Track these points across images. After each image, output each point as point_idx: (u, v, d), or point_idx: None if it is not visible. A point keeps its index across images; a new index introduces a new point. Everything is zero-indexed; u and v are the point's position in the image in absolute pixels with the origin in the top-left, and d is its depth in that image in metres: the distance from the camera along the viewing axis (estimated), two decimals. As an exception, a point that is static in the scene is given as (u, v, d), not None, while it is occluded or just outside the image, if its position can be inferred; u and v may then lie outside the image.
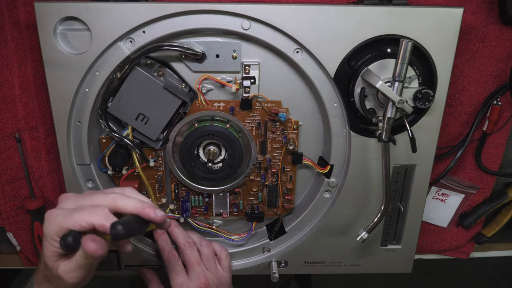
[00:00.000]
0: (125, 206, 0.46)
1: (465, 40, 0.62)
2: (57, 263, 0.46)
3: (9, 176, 0.68)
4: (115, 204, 0.46)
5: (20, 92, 0.63)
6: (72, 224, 0.44)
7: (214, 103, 0.59)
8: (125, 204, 0.47)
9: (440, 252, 0.82)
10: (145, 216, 0.46)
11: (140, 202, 0.47)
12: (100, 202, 0.47)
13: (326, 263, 0.70)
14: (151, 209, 0.47)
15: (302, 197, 0.68)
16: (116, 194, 0.48)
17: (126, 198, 0.47)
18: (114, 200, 0.47)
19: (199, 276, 0.61)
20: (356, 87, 0.56)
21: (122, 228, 0.43)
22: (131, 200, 0.47)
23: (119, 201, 0.47)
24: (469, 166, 0.72)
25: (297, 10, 0.54)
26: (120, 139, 0.59)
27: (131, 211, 0.46)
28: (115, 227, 0.43)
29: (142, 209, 0.46)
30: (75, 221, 0.44)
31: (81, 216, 0.44)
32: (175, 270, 0.62)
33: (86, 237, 0.43)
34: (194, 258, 0.62)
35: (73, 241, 0.44)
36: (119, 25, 0.54)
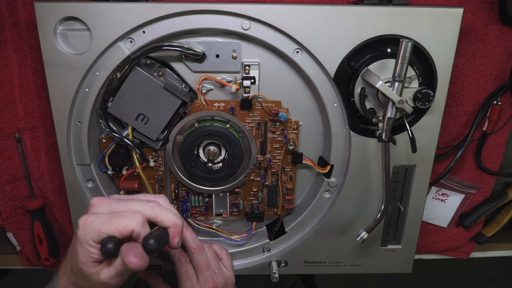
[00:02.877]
0: (163, 218, 0.46)
1: (465, 40, 0.62)
2: (96, 269, 0.45)
3: (9, 176, 0.68)
4: (154, 213, 0.46)
5: (20, 92, 0.63)
6: (112, 230, 0.43)
7: (214, 103, 0.59)
8: (162, 216, 0.46)
9: (440, 252, 0.82)
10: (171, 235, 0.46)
11: (177, 218, 0.47)
12: (139, 208, 0.46)
13: (326, 263, 0.70)
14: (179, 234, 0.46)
15: (302, 197, 0.68)
16: (155, 204, 0.47)
17: (164, 210, 0.47)
18: (153, 209, 0.46)
19: (208, 280, 0.61)
20: (356, 87, 0.56)
21: (154, 243, 0.43)
22: (168, 214, 0.47)
23: (157, 211, 0.46)
24: (469, 166, 0.72)
25: (297, 10, 0.54)
26: (120, 139, 0.59)
27: (166, 224, 0.46)
28: (148, 241, 0.43)
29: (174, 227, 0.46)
30: (115, 228, 0.43)
31: (121, 221, 0.44)
32: (187, 273, 0.62)
33: (127, 250, 0.42)
34: (204, 261, 0.62)
35: (114, 248, 0.43)
36: (119, 25, 0.54)
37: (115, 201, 0.48)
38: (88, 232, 0.44)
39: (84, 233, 0.44)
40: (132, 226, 0.43)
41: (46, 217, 0.72)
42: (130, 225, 0.43)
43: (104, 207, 0.47)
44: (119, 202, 0.47)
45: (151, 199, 0.48)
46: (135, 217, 0.44)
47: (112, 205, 0.47)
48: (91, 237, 0.44)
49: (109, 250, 0.43)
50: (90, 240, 0.44)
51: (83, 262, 0.45)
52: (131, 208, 0.46)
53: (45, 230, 0.71)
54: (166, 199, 0.50)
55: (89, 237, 0.44)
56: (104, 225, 0.44)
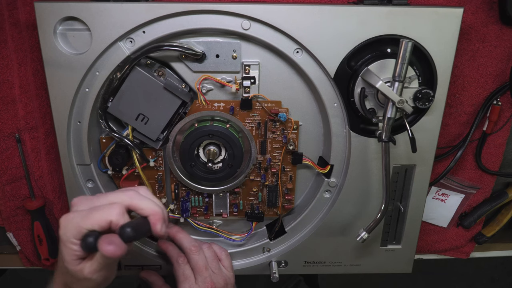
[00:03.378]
0: (141, 206, 0.46)
1: (465, 40, 0.62)
2: (81, 266, 0.45)
3: (9, 176, 0.68)
4: (132, 202, 0.46)
5: (20, 92, 0.63)
6: (91, 224, 0.43)
7: (214, 103, 0.59)
8: (141, 204, 0.46)
9: (440, 252, 0.82)
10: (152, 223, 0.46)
11: (156, 206, 0.46)
12: (117, 199, 0.46)
13: (326, 263, 0.70)
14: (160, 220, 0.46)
15: (302, 197, 0.68)
16: (133, 192, 0.47)
17: (142, 198, 0.47)
18: (131, 198, 0.46)
19: (206, 280, 0.61)
20: (356, 87, 0.56)
21: (131, 231, 0.43)
22: (147, 202, 0.46)
23: (135, 200, 0.46)
24: (469, 166, 0.72)
25: (297, 10, 0.54)
26: (120, 139, 0.59)
27: (145, 213, 0.46)
28: (125, 229, 0.43)
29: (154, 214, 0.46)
30: (94, 221, 0.43)
31: (99, 214, 0.44)
32: (184, 274, 0.62)
33: (102, 239, 0.42)
34: (201, 262, 0.62)
35: (94, 242, 0.43)
36: (119, 25, 0.54)
37: (95, 197, 0.48)
38: (68, 230, 0.44)
39: (65, 232, 0.44)
40: (111, 217, 0.43)
41: (46, 217, 0.72)
42: (108, 217, 0.43)
43: (83, 204, 0.47)
44: (98, 197, 0.47)
45: (131, 188, 0.48)
46: (113, 208, 0.44)
47: (92, 201, 0.47)
48: (72, 235, 0.44)
49: (89, 244, 0.43)
50: (72, 237, 0.44)
51: (68, 261, 0.45)
52: (109, 199, 0.46)
53: (45, 230, 0.71)
54: (146, 189, 0.49)
55: (71, 235, 0.44)
56: (83, 220, 0.44)
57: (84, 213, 0.44)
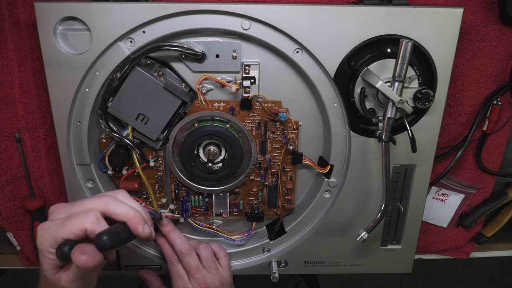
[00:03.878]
0: (117, 212, 0.45)
1: (465, 40, 0.62)
2: (58, 276, 0.45)
3: (9, 176, 0.68)
4: (107, 208, 0.45)
5: (20, 92, 0.63)
6: (65, 233, 0.43)
7: (214, 103, 0.59)
8: (116, 210, 0.45)
9: (440, 252, 0.82)
10: (132, 228, 0.45)
11: (132, 210, 0.46)
12: (92, 206, 0.45)
13: (326, 263, 0.70)
14: (140, 223, 0.45)
15: (302, 197, 0.68)
16: (109, 197, 0.46)
17: (118, 203, 0.46)
18: (106, 204, 0.46)
19: (199, 281, 0.61)
20: (356, 87, 0.56)
21: (107, 239, 0.42)
22: (123, 206, 0.46)
23: (110, 205, 0.45)
24: (469, 166, 0.72)
25: (297, 10, 0.54)
26: (120, 139, 0.59)
27: (121, 218, 0.45)
28: (101, 237, 0.42)
29: (131, 219, 0.45)
30: (68, 230, 0.43)
31: (73, 223, 0.43)
32: (177, 273, 0.62)
33: (76, 249, 0.42)
34: (193, 264, 0.62)
35: (69, 250, 0.42)
36: (119, 25, 0.54)
37: (72, 204, 0.47)
38: (44, 239, 0.44)
39: (42, 241, 0.44)
40: (85, 225, 0.43)
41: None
42: (82, 225, 0.43)
43: (60, 212, 0.46)
44: (74, 204, 0.47)
45: (107, 194, 0.48)
46: (87, 215, 0.43)
47: (68, 208, 0.46)
48: (49, 244, 0.43)
49: (64, 253, 0.42)
50: (48, 246, 0.43)
51: (46, 270, 0.45)
52: (85, 206, 0.46)
53: (45, 230, 0.71)
54: (124, 193, 0.49)
55: (47, 244, 0.43)
56: (58, 229, 0.43)
57: (59, 222, 0.44)
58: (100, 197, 0.47)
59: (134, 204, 0.48)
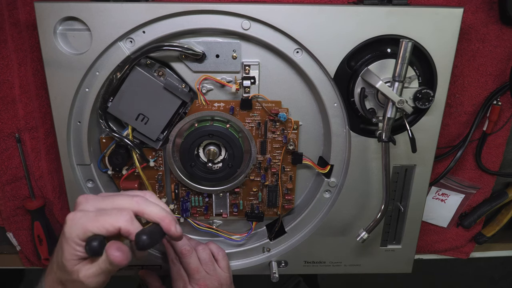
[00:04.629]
0: (150, 213, 0.45)
1: (465, 40, 0.62)
2: (78, 267, 0.45)
3: (9, 176, 0.68)
4: (140, 208, 0.45)
5: (20, 92, 0.63)
6: (98, 228, 0.43)
7: (214, 103, 0.59)
8: (149, 210, 0.46)
9: (440, 252, 0.82)
10: (165, 228, 0.45)
11: (164, 211, 0.46)
12: (125, 204, 0.45)
13: (326, 263, 0.70)
14: (172, 223, 0.46)
15: (302, 197, 0.68)
16: (140, 198, 0.46)
17: (150, 204, 0.46)
18: (138, 204, 0.46)
19: (199, 282, 0.61)
20: (356, 87, 0.56)
21: (147, 239, 0.42)
22: (155, 207, 0.46)
23: (143, 206, 0.46)
24: (469, 166, 0.72)
25: (297, 10, 0.54)
26: (120, 139, 0.59)
27: (155, 219, 0.45)
28: (140, 237, 0.42)
29: (164, 219, 0.45)
30: (101, 225, 0.43)
31: (107, 219, 0.43)
32: (178, 273, 0.62)
33: (112, 245, 0.42)
34: (193, 265, 0.62)
35: (99, 246, 0.42)
36: (119, 25, 0.54)
37: (101, 198, 0.47)
38: (74, 229, 0.44)
39: (71, 230, 0.44)
40: (120, 224, 0.43)
41: (46, 217, 0.72)
42: (117, 223, 0.43)
43: (90, 204, 0.46)
44: (105, 199, 0.47)
45: (138, 194, 0.48)
46: (122, 214, 0.44)
47: (99, 202, 0.46)
48: (77, 235, 0.43)
49: (94, 248, 0.42)
50: (76, 237, 0.43)
51: (67, 259, 0.44)
52: (117, 204, 0.46)
53: (45, 230, 0.71)
54: (153, 194, 0.49)
55: (75, 235, 0.43)
56: (90, 222, 0.43)
57: (91, 215, 0.44)
58: (132, 197, 0.46)
59: (163, 205, 0.48)
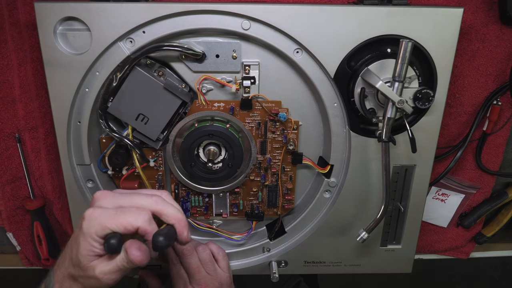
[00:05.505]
0: (167, 213, 0.45)
1: (465, 40, 0.62)
2: (94, 263, 0.44)
3: (9, 176, 0.68)
4: (158, 207, 0.45)
5: (20, 92, 0.63)
6: (117, 226, 0.43)
7: (214, 103, 0.59)
8: (167, 211, 0.45)
9: (440, 252, 0.82)
10: (179, 231, 0.45)
11: (180, 213, 0.46)
12: (144, 204, 0.45)
13: (326, 263, 0.70)
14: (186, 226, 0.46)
15: (302, 197, 0.68)
16: (159, 198, 0.46)
17: (168, 204, 0.46)
18: (157, 204, 0.46)
19: (199, 282, 0.61)
20: (356, 87, 0.56)
21: (164, 240, 0.42)
22: (172, 208, 0.46)
23: (162, 206, 0.46)
24: (469, 166, 0.72)
25: (297, 10, 0.54)
26: (120, 139, 0.59)
27: (171, 220, 0.45)
28: (157, 238, 0.42)
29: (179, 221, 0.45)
30: (120, 223, 0.43)
31: (126, 218, 0.43)
32: (179, 273, 0.62)
33: (132, 244, 0.42)
34: (194, 265, 0.62)
35: (118, 244, 0.42)
36: (119, 25, 0.54)
37: (119, 195, 0.47)
38: (93, 225, 0.43)
39: (89, 226, 0.44)
40: (139, 223, 0.43)
41: (46, 217, 0.72)
42: (136, 222, 0.43)
43: (108, 201, 0.46)
44: (123, 196, 0.47)
45: (155, 193, 0.48)
46: (141, 214, 0.44)
47: (117, 199, 0.46)
48: (95, 231, 0.43)
49: (112, 246, 0.42)
50: (94, 233, 0.43)
51: (83, 255, 0.44)
52: (136, 202, 0.46)
53: (45, 230, 0.71)
54: (169, 194, 0.49)
55: (93, 231, 0.43)
56: (110, 220, 0.43)
57: (111, 212, 0.44)
58: (151, 196, 0.46)
59: (179, 206, 0.48)
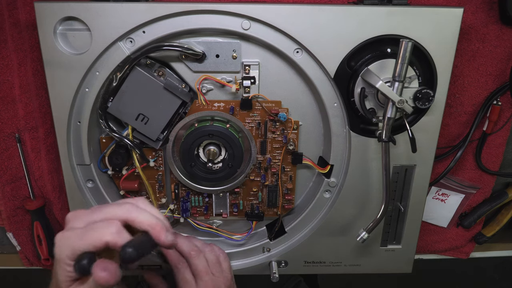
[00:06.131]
0: (140, 220, 0.43)
1: (465, 40, 0.62)
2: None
3: (9, 176, 0.68)
4: (129, 216, 0.43)
5: (20, 92, 0.63)
6: (85, 245, 0.41)
7: (214, 103, 0.59)
8: (139, 218, 0.43)
9: (440, 252, 0.82)
10: (155, 236, 0.43)
11: (155, 219, 0.44)
12: (113, 214, 0.43)
13: (326, 263, 0.70)
14: (162, 230, 0.43)
15: (302, 197, 0.68)
16: (130, 205, 0.44)
17: (140, 211, 0.44)
18: (128, 212, 0.43)
19: (207, 284, 0.60)
20: (356, 87, 0.56)
21: (133, 251, 0.40)
22: (145, 214, 0.44)
23: (133, 213, 0.43)
24: (469, 166, 0.72)
25: (297, 10, 0.54)
26: (120, 139, 0.59)
27: (144, 227, 0.43)
28: (125, 250, 0.40)
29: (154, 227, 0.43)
30: (88, 242, 0.41)
31: (93, 235, 0.41)
32: (184, 278, 0.60)
33: (98, 265, 0.40)
34: (201, 267, 0.61)
35: (88, 265, 0.40)
36: (119, 25, 0.54)
37: (90, 211, 0.45)
38: (63, 250, 0.42)
39: (60, 252, 0.42)
40: (107, 237, 0.41)
41: (46, 217, 0.72)
42: (103, 237, 0.41)
43: (79, 220, 0.44)
44: (94, 211, 0.45)
45: (128, 201, 0.46)
46: (109, 226, 0.41)
47: (88, 216, 0.44)
48: (66, 255, 0.42)
49: (82, 267, 0.40)
50: (66, 258, 0.42)
51: (61, 281, 0.43)
52: (106, 214, 0.44)
53: (45, 230, 0.71)
54: (145, 200, 0.47)
55: (64, 255, 0.42)
56: (78, 241, 0.41)
57: (79, 233, 0.42)
58: (121, 205, 0.45)
59: (155, 211, 0.46)
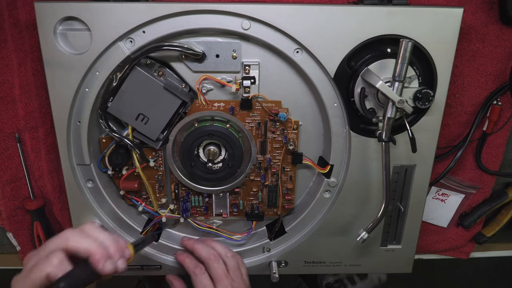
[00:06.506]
0: (77, 247, 0.42)
1: (465, 40, 0.62)
2: None
3: (9, 176, 0.68)
4: (68, 244, 0.43)
5: (20, 92, 0.63)
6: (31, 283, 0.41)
7: (214, 103, 0.59)
8: (77, 245, 0.42)
9: (440, 252, 0.82)
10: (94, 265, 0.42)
11: (94, 245, 0.42)
12: (54, 246, 0.43)
13: (326, 263, 0.70)
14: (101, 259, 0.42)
15: (302, 197, 0.68)
16: (71, 232, 0.44)
17: (79, 238, 0.43)
18: (66, 240, 0.43)
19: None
20: (356, 87, 0.56)
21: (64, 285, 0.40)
22: (85, 241, 0.43)
23: (71, 241, 0.43)
24: (469, 166, 0.72)
25: (297, 10, 0.54)
26: (120, 139, 0.59)
27: (83, 255, 0.42)
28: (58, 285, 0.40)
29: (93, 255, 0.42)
30: (33, 281, 0.41)
31: (35, 272, 0.41)
32: (202, 283, 0.60)
33: None
34: (221, 271, 0.61)
35: None
36: (119, 25, 0.54)
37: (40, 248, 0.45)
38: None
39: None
40: (47, 270, 0.41)
41: (46, 217, 0.72)
42: (43, 272, 0.41)
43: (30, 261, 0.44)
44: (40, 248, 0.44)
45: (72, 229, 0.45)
46: (49, 259, 0.41)
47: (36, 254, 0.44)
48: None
49: None
50: None
51: None
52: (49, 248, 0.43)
53: (45, 230, 0.71)
54: (92, 224, 0.46)
55: None
56: (25, 282, 0.41)
57: (25, 274, 0.42)
58: (62, 234, 0.44)
59: (102, 236, 0.44)
